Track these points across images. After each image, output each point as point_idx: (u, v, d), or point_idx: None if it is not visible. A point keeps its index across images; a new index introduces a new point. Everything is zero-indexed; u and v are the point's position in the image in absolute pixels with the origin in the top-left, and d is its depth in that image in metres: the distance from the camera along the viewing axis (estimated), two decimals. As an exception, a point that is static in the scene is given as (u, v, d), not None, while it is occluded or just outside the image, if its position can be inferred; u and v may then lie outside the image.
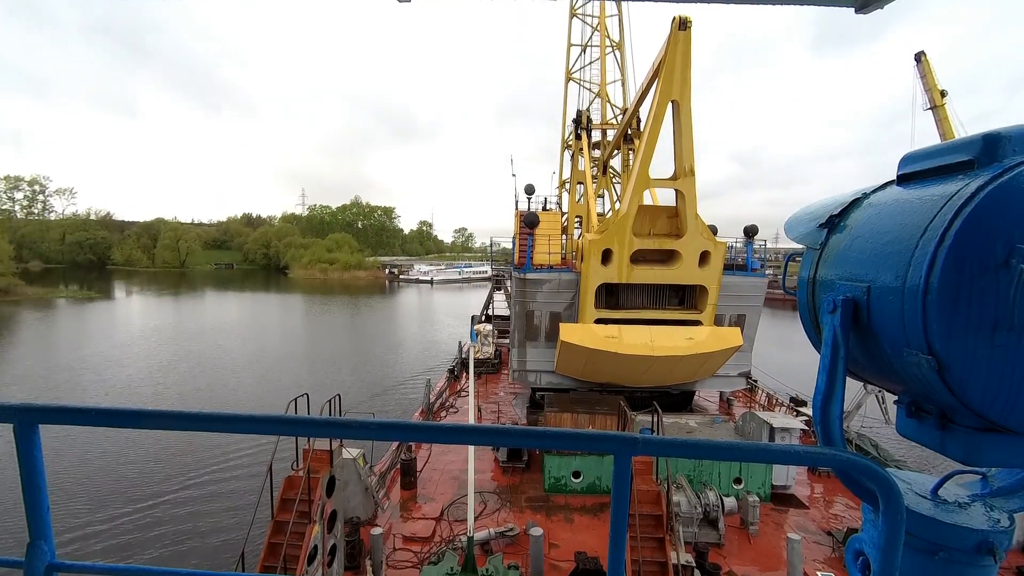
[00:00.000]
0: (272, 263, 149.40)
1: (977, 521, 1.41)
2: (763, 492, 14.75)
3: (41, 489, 1.47)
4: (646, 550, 9.84)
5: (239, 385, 32.72)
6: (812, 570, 11.61)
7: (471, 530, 10.39)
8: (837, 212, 1.68)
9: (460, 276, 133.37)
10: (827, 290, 1.61)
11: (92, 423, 1.41)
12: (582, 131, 24.57)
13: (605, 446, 1.30)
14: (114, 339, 46.69)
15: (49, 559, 1.47)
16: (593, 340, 15.46)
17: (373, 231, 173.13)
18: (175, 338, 47.67)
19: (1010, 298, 1.15)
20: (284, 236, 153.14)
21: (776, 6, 1.54)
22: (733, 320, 17.41)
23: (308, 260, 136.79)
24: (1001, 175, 1.19)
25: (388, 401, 29.96)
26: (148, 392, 30.64)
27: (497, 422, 20.77)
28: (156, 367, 36.49)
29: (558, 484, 15.17)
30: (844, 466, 1.23)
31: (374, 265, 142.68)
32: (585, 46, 30.01)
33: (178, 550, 15.22)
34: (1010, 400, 1.21)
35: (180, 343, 45.30)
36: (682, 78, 14.16)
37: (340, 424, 1.38)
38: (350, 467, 12.74)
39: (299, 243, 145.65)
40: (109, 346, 43.20)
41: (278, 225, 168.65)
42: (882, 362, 1.47)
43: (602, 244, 15.55)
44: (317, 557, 10.17)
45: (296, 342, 49.03)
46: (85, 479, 19.24)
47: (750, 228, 18.55)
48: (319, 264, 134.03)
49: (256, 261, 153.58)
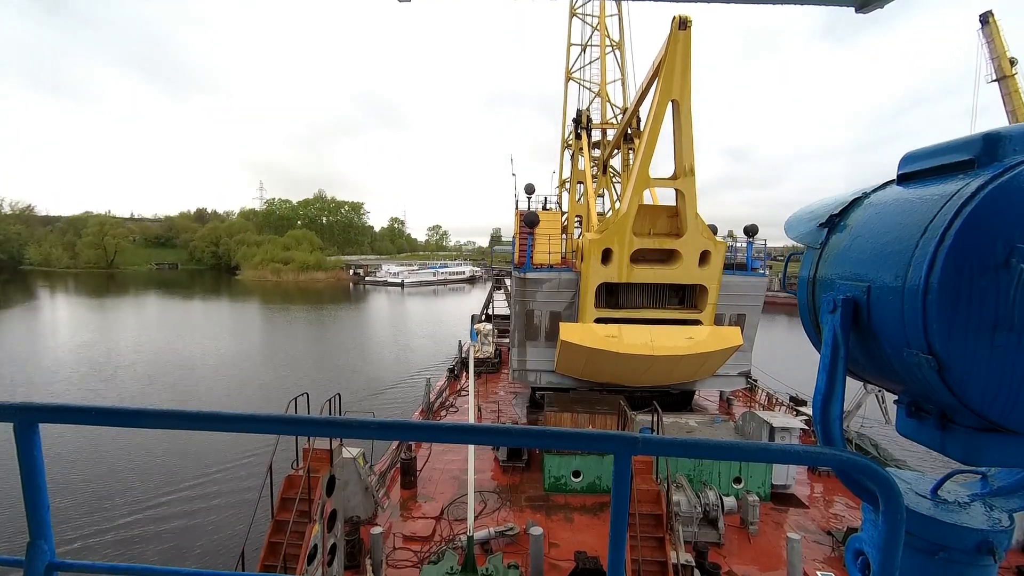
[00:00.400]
0: (223, 263, 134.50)
1: (977, 521, 1.41)
2: (763, 491, 14.76)
3: (41, 488, 1.47)
4: (646, 549, 9.84)
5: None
6: (812, 570, 11.61)
7: (471, 529, 10.39)
8: (837, 212, 1.68)
9: (435, 277, 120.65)
10: (827, 290, 1.61)
11: (92, 422, 1.41)
12: (582, 130, 24.57)
13: (605, 446, 1.30)
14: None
15: (49, 558, 1.47)
16: (593, 340, 15.47)
17: (339, 228, 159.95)
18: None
19: (1010, 298, 1.15)
20: (236, 232, 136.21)
21: (777, 5, 1.54)
22: (733, 320, 17.43)
23: (260, 260, 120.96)
24: (1001, 175, 1.19)
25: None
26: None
27: (497, 421, 20.78)
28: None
29: (558, 483, 15.18)
30: (844, 466, 1.23)
31: (337, 265, 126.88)
32: (585, 46, 30.00)
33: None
34: (1010, 400, 1.21)
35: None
36: (682, 78, 14.16)
37: (340, 423, 1.38)
38: (350, 466, 12.75)
39: (253, 240, 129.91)
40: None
41: (230, 220, 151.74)
42: (882, 362, 1.47)
43: (602, 244, 15.55)
44: (317, 556, 10.18)
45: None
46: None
47: (750, 228, 18.58)
48: (272, 264, 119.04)
49: (204, 261, 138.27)
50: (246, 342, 47.40)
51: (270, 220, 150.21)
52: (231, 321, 60.62)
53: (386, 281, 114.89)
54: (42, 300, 76.70)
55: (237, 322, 59.96)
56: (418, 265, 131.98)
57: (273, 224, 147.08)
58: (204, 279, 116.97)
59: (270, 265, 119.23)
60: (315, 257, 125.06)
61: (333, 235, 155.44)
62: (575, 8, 29.85)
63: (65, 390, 30.72)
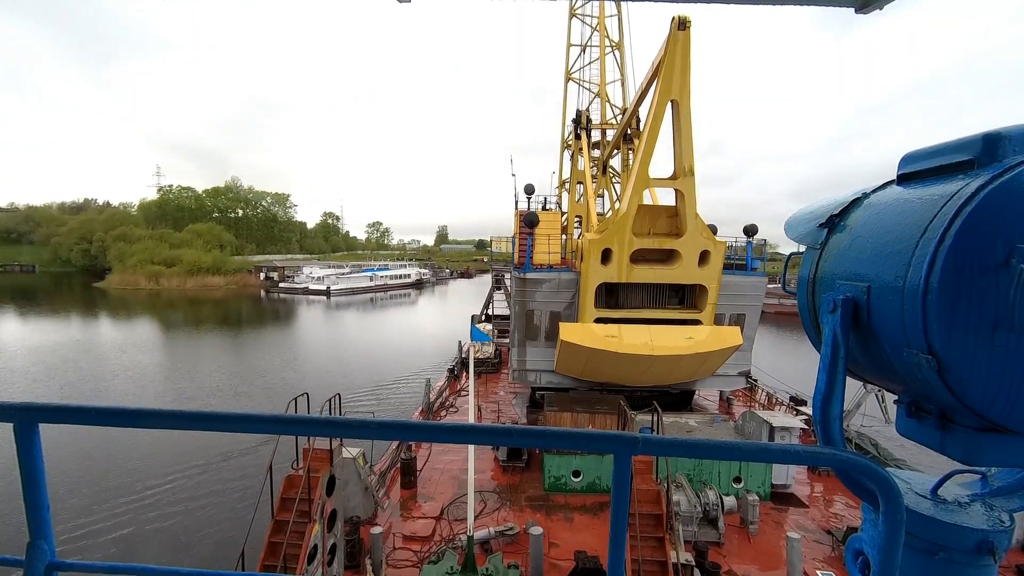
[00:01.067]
0: (97, 264, 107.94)
1: (977, 521, 1.41)
2: (763, 491, 14.77)
3: (41, 488, 1.47)
4: (646, 549, 9.85)
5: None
6: (812, 569, 11.62)
7: (471, 529, 10.40)
8: (837, 212, 1.68)
9: (372, 283, 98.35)
10: (827, 290, 1.61)
11: (92, 423, 1.41)
12: (582, 131, 24.60)
13: (605, 446, 1.30)
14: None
15: (49, 558, 1.47)
16: (593, 339, 15.47)
17: (258, 223, 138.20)
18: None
19: (1010, 298, 1.15)
20: (116, 226, 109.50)
21: (775, 6, 1.54)
22: (733, 319, 17.44)
23: (136, 260, 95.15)
24: (1001, 175, 1.19)
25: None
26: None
27: (497, 421, 20.78)
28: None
29: (558, 483, 15.18)
30: (844, 466, 1.23)
31: (243, 268, 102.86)
32: (584, 46, 30.01)
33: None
34: (1010, 400, 1.21)
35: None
36: (681, 78, 14.17)
37: (340, 423, 1.38)
38: (350, 466, 12.75)
39: (137, 235, 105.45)
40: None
41: (111, 211, 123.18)
42: (882, 362, 1.47)
43: (602, 244, 15.55)
44: (317, 556, 10.18)
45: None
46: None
47: (750, 227, 18.58)
48: (150, 267, 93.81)
49: (73, 261, 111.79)
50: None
51: (167, 211, 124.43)
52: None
53: (307, 288, 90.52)
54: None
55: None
56: (350, 267, 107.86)
57: (171, 217, 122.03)
58: (62, 285, 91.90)
59: (148, 268, 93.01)
60: (212, 257, 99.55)
61: (251, 231, 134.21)
62: (574, 9, 29.86)
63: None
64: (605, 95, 28.57)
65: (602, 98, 28.59)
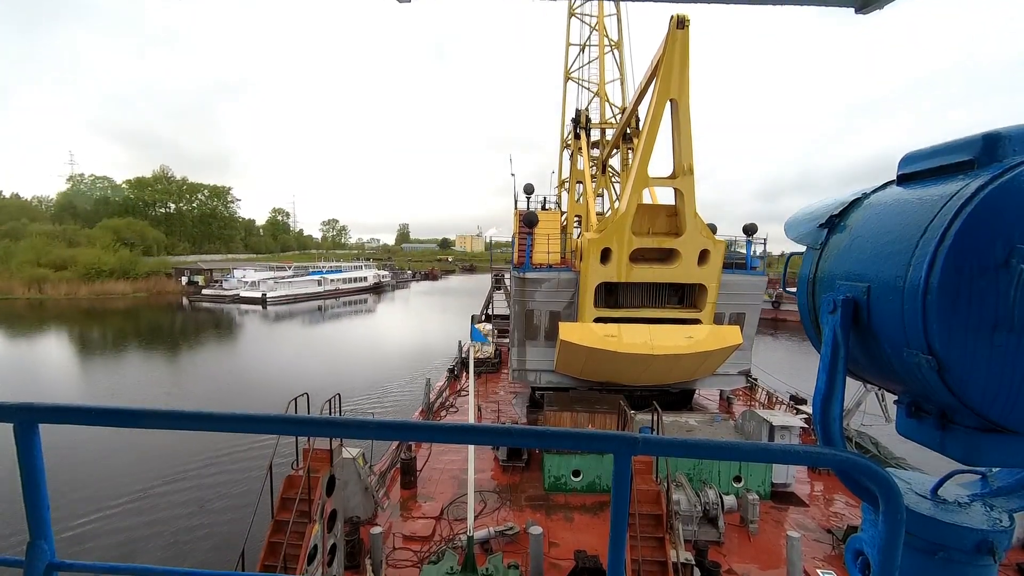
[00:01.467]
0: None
1: (977, 521, 1.41)
2: (763, 490, 14.78)
3: (41, 488, 1.47)
4: (646, 549, 9.86)
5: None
6: (812, 568, 11.63)
7: (471, 529, 10.41)
8: (837, 212, 1.68)
9: (320, 288, 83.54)
10: (827, 290, 1.61)
11: (93, 423, 1.41)
12: (581, 130, 24.60)
13: (605, 446, 1.30)
14: None
15: (49, 558, 1.47)
16: (592, 339, 15.47)
17: (193, 219, 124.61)
18: None
19: (1010, 298, 1.15)
20: (5, 221, 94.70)
21: (776, 6, 1.54)
22: (732, 319, 17.45)
23: (18, 262, 78.32)
24: (1001, 175, 1.19)
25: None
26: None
27: (497, 421, 20.78)
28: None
29: (558, 483, 15.19)
30: (844, 466, 1.23)
31: (159, 270, 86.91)
32: (584, 46, 30.02)
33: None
34: (1010, 400, 1.21)
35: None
36: (680, 77, 14.17)
37: (340, 424, 1.38)
38: (350, 466, 12.75)
39: (32, 231, 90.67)
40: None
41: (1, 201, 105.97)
42: (882, 362, 1.47)
43: (601, 243, 15.55)
44: (317, 556, 10.19)
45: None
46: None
47: (749, 227, 18.58)
48: (33, 269, 77.20)
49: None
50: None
51: (77, 205, 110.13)
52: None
53: (238, 295, 75.35)
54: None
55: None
56: (293, 269, 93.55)
57: (85, 212, 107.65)
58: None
59: (27, 271, 75.98)
60: (117, 258, 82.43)
61: (186, 228, 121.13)
62: (574, 8, 29.87)
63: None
64: (604, 94, 28.58)
65: (601, 97, 28.60)
